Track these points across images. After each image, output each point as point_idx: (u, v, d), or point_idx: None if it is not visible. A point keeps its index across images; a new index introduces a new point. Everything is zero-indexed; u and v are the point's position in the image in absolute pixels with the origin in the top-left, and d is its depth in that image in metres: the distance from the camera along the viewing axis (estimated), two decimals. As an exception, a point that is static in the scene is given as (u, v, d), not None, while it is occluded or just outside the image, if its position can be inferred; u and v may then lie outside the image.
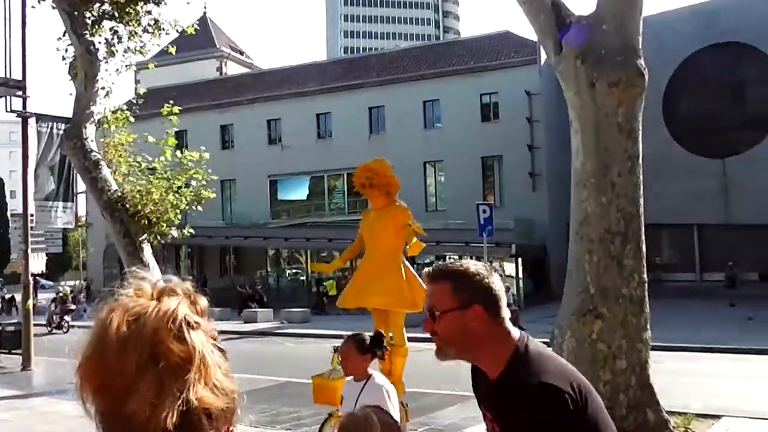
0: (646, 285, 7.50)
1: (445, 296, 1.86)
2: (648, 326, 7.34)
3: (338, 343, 4.20)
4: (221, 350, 0.93)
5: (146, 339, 0.84)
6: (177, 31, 14.25)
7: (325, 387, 5.08)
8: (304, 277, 38.50)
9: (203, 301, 0.94)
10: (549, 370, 1.79)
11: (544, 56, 31.96)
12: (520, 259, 29.57)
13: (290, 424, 7.82)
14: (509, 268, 29.34)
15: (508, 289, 20.78)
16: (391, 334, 5.73)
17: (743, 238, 27.68)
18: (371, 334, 4.00)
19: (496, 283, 1.91)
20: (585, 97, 7.70)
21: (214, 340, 0.92)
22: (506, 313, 1.91)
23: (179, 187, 12.81)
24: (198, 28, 17.45)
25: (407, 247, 5.57)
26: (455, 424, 7.79)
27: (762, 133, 29.38)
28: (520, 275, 29.47)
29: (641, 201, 7.56)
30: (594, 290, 7.35)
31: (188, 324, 0.87)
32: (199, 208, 12.71)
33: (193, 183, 12.97)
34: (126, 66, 13.62)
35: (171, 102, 13.27)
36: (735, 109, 29.87)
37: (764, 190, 27.42)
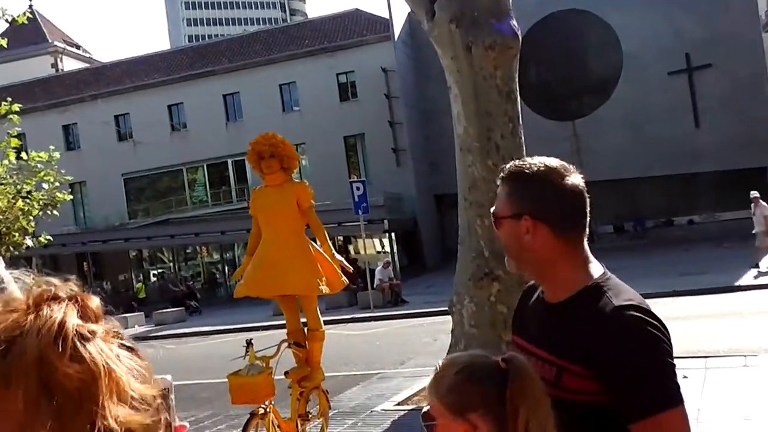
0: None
1: (501, 201, 1.66)
2: (543, 283, 7.44)
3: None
4: (130, 349, 0.75)
5: (30, 368, 0.65)
6: (6, 21, 12.92)
7: (244, 385, 4.68)
8: (171, 276, 36.99)
9: (94, 301, 0.75)
10: (634, 297, 1.53)
11: (398, 32, 32.26)
12: (393, 234, 29.83)
13: (188, 429, 7.29)
14: (382, 244, 29.57)
15: (388, 264, 20.81)
16: (304, 320, 5.39)
17: (597, 195, 29.04)
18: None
19: (569, 192, 1.59)
20: (462, 61, 7.63)
21: (119, 338, 0.75)
22: (582, 232, 1.63)
23: (29, 192, 11.73)
24: (27, 20, 15.94)
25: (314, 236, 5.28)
26: (363, 404, 7.61)
27: (604, 95, 31.25)
28: (395, 249, 29.74)
29: (525, 161, 7.62)
30: (488, 253, 7.34)
31: (81, 336, 0.69)
32: (55, 212, 11.69)
33: (45, 186, 11.91)
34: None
35: (9, 100, 12.07)
36: (579, 73, 31.54)
37: (611, 149, 29.27)
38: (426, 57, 31.94)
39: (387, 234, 29.37)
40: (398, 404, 7.35)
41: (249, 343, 4.94)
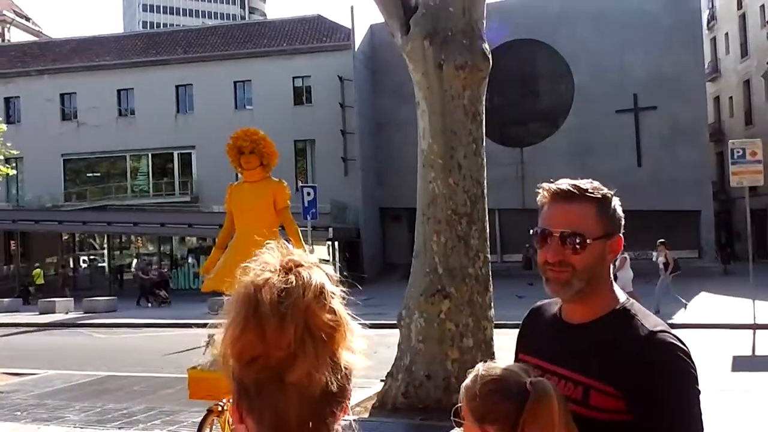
0: (490, 264, 7.71)
1: (591, 221, 1.58)
2: (492, 305, 7.55)
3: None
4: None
5: (301, 313, 0.87)
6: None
7: (204, 380, 4.59)
8: (104, 264, 36.02)
9: (330, 269, 0.97)
10: (661, 322, 1.58)
11: (358, 42, 32.34)
12: (336, 243, 29.76)
13: (122, 422, 7.10)
14: (323, 252, 29.44)
15: (331, 272, 20.73)
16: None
17: (536, 224, 29.99)
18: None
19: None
20: (432, 78, 7.72)
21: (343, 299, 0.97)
22: None
23: (-32, 163, 11.29)
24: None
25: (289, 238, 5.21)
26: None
27: (553, 125, 32.01)
28: (336, 259, 29.65)
29: (485, 183, 7.74)
30: (442, 270, 7.41)
31: (332, 294, 0.91)
32: (-3, 186, 11.27)
33: (-13, 158, 11.48)
34: None
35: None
36: (531, 102, 32.25)
37: (555, 178, 29.63)
38: (383, 70, 32.15)
39: (330, 242, 29.29)
40: (339, 413, 7.31)
41: (211, 338, 4.87)
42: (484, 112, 7.90)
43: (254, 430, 0.89)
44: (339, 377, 0.89)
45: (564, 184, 1.64)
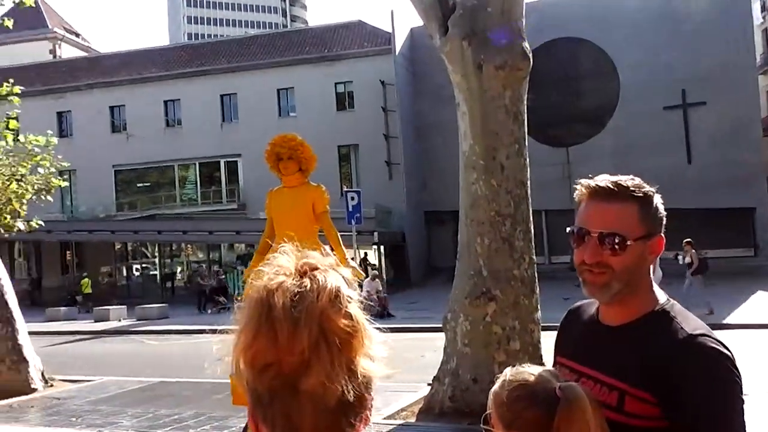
0: (536, 266, 7.61)
1: (632, 221, 1.50)
2: (539, 306, 7.45)
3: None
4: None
5: (315, 318, 0.84)
6: (13, 1, 12.82)
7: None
8: (155, 272, 36.73)
9: (348, 273, 0.94)
10: (702, 325, 1.50)
11: (399, 46, 32.37)
12: (381, 247, 29.80)
13: (173, 428, 7.22)
14: (370, 256, 29.52)
15: (376, 277, 20.77)
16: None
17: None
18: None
19: None
20: (472, 79, 7.66)
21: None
22: None
23: (23, 175, 11.63)
24: (32, 4, 15.84)
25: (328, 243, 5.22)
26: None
27: (599, 125, 31.52)
28: (383, 263, 29.69)
29: (528, 183, 7.65)
30: (486, 273, 7.35)
31: (348, 299, 0.88)
32: (49, 197, 11.61)
33: (40, 171, 11.82)
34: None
35: (11, 81, 11.96)
36: (575, 102, 31.79)
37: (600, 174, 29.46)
38: (423, 73, 32.08)
39: (376, 246, 29.34)
40: (386, 418, 7.31)
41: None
42: (525, 111, 7.81)
43: None
44: (356, 386, 0.85)
45: (603, 180, 1.56)
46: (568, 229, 1.63)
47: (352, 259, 7.41)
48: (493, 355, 7.18)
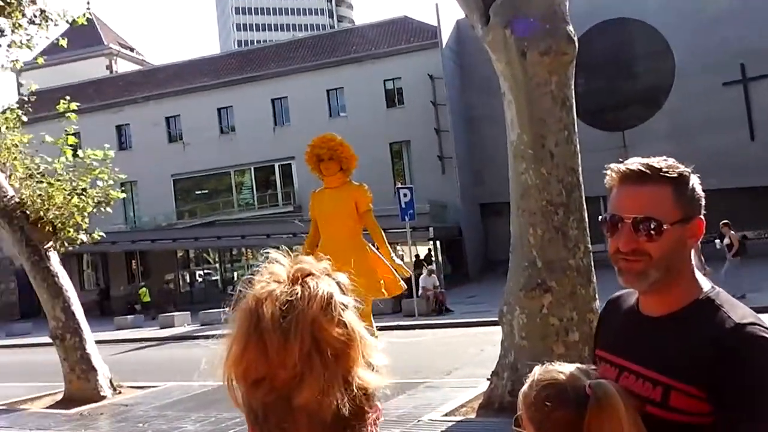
0: (591, 255, 7.42)
1: (667, 204, 1.41)
2: (596, 296, 7.27)
3: None
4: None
5: (306, 327, 0.79)
6: (67, 21, 13.20)
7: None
8: (216, 277, 37.46)
9: (344, 278, 0.88)
10: (751, 313, 1.40)
11: (445, 39, 32.17)
12: (437, 243, 29.70)
13: (235, 431, 7.33)
14: (424, 252, 29.44)
15: (433, 272, 20.69)
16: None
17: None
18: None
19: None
20: (516, 67, 7.52)
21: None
22: None
23: (83, 189, 11.96)
24: (85, 23, 16.30)
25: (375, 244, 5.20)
26: (409, 413, 7.53)
27: (655, 106, 30.69)
28: (439, 258, 29.59)
29: (580, 170, 7.47)
30: (540, 264, 7.20)
31: (343, 306, 0.84)
32: (109, 209, 11.93)
33: (99, 184, 12.14)
34: (12, 62, 12.54)
35: (68, 98, 12.33)
36: (629, 83, 31.02)
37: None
38: (470, 65, 31.80)
39: (432, 242, 29.25)
40: (446, 415, 7.25)
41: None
42: (573, 97, 7.62)
43: None
44: (353, 398, 0.81)
45: (634, 164, 1.47)
46: (600, 218, 1.55)
47: (401, 256, 7.38)
48: (551, 347, 7.04)
